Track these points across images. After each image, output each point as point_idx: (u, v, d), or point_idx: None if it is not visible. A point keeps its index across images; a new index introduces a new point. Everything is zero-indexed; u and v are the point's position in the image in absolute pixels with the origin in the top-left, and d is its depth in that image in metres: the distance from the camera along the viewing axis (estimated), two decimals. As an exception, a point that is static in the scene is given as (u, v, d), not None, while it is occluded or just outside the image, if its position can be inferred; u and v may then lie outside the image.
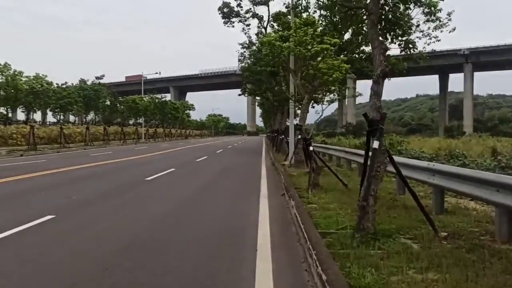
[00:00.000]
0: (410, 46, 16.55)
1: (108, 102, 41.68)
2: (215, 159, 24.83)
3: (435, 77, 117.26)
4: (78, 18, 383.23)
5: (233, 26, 26.49)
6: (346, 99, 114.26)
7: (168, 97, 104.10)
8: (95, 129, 50.04)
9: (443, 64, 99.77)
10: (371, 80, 6.38)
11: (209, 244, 5.99)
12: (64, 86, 34.31)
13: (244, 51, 29.60)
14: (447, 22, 18.22)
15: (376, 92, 6.09)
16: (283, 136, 26.76)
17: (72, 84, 38.51)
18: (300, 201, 8.88)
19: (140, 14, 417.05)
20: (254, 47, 27.99)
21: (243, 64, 31.80)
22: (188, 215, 8.08)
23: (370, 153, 6.20)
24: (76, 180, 13.43)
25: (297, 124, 16.20)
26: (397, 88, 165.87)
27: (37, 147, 31.22)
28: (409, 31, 11.96)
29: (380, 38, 6.12)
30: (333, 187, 10.99)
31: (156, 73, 51.31)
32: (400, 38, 12.17)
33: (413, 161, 9.05)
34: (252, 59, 29.65)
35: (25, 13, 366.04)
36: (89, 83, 38.89)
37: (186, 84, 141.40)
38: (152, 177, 14.12)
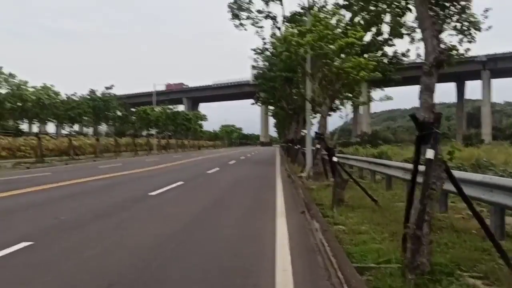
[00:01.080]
0: (468, 28, 14.73)
1: (119, 113, 40.66)
2: (227, 171, 23.53)
3: (451, 85, 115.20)
4: (90, 30, 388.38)
5: (245, 29, 25.14)
6: (361, 108, 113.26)
7: (181, 107, 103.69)
8: (106, 141, 49.35)
9: (459, 71, 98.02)
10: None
11: (214, 285, 4.64)
12: (73, 96, 33.44)
13: (257, 57, 28.48)
14: (483, 20, 16.72)
15: (428, 86, 4.74)
16: (299, 146, 25.35)
17: (82, 94, 37.67)
18: (325, 222, 7.50)
19: (153, 27, 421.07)
20: (268, 52, 26.80)
21: (255, 72, 30.52)
22: (191, 241, 6.74)
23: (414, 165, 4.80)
24: (73, 196, 12.22)
25: (316, 132, 14.84)
26: (412, 97, 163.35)
27: (44, 159, 30.26)
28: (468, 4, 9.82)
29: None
30: (360, 204, 9.58)
31: (163, 83, 50.57)
32: (456, 17, 10.26)
33: (462, 173, 7.59)
34: (266, 65, 28.39)
35: (38, 26, 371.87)
36: (98, 93, 37.94)
37: (199, 95, 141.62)
38: (157, 192, 12.85)
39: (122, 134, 67.06)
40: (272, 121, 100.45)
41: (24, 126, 65.86)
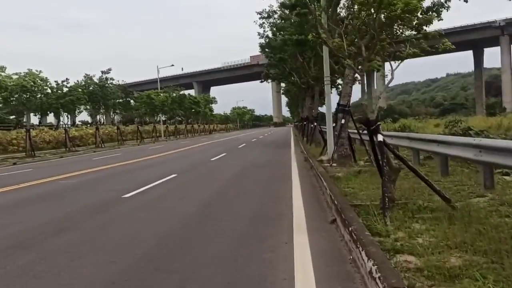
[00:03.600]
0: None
1: (118, 100, 37.65)
2: (235, 157, 20.42)
3: (466, 54, 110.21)
4: (101, 20, 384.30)
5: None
6: (375, 83, 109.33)
7: (192, 92, 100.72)
8: (110, 129, 46.63)
9: (476, 38, 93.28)
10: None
11: None
12: (64, 82, 30.47)
13: (263, 22, 24.86)
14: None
15: None
16: (315, 124, 22.04)
17: (77, 81, 34.67)
18: (376, 246, 4.30)
19: (161, 15, 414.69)
20: (276, 15, 23.27)
21: (262, 40, 27.08)
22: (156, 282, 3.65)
23: None
24: (34, 201, 9.32)
25: (339, 104, 11.57)
26: (425, 69, 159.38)
27: (36, 153, 27.53)
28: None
29: None
30: (420, 203, 6.36)
31: (173, 68, 47.47)
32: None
33: None
34: (274, 31, 24.83)
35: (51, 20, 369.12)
36: (95, 79, 34.91)
37: (209, 79, 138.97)
38: (135, 191, 9.85)
39: (129, 121, 64.54)
40: (285, 100, 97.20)
41: (32, 119, 63.86)
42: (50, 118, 57.45)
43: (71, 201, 9.12)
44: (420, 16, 8.21)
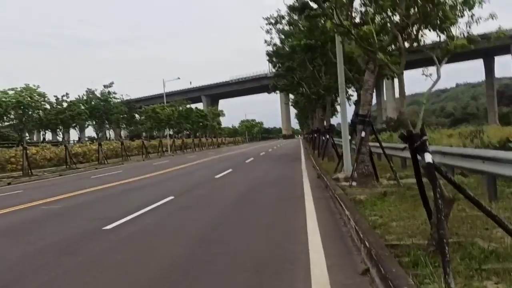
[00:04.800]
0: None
1: (122, 114, 36.32)
2: (241, 173, 18.85)
3: (475, 64, 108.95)
4: (107, 37, 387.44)
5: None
6: (385, 93, 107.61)
7: (200, 106, 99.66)
8: (115, 145, 45.36)
9: (487, 47, 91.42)
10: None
11: None
12: (64, 97, 29.27)
13: (271, 29, 23.36)
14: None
15: None
16: (327, 137, 20.42)
17: (78, 96, 33.45)
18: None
19: (167, 28, 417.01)
20: (285, 21, 21.75)
21: (269, 47, 25.51)
22: None
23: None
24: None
25: (357, 114, 9.98)
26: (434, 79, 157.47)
27: (32, 172, 26.20)
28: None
29: None
30: (482, 244, 4.74)
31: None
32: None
33: None
34: (282, 38, 23.26)
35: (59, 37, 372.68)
36: (97, 93, 33.68)
37: (217, 92, 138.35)
38: (121, 221, 8.32)
39: (135, 136, 63.27)
40: (294, 112, 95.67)
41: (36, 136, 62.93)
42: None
43: (38, 237, 7.57)
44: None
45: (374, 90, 17.12)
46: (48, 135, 47.66)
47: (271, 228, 7.17)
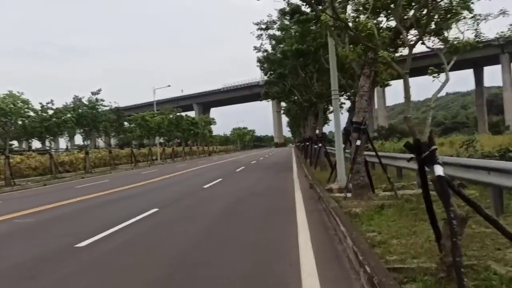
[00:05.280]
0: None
1: (109, 122, 35.35)
2: (230, 183, 18.19)
3: (465, 73, 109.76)
4: (98, 44, 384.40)
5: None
6: (376, 102, 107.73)
7: (192, 114, 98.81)
8: (104, 153, 44.44)
9: (476, 56, 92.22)
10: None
11: None
12: (49, 105, 28.38)
13: (261, 34, 22.68)
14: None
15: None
16: (319, 145, 19.85)
17: (65, 103, 32.54)
18: None
19: (160, 36, 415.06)
20: (276, 26, 21.15)
21: (260, 53, 24.86)
22: None
23: None
24: None
25: (352, 121, 9.40)
26: (424, 88, 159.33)
27: (15, 181, 25.28)
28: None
29: None
30: (497, 269, 4.16)
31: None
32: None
33: None
34: (273, 44, 22.66)
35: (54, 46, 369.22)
36: (85, 100, 32.79)
37: (209, 100, 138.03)
38: (98, 236, 7.64)
39: (125, 145, 62.33)
40: (286, 120, 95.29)
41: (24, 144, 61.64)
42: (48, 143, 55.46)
43: (14, 254, 6.86)
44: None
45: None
46: (38, 144, 46.57)
47: (260, 247, 6.52)
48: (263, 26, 21.15)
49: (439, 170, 3.62)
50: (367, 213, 7.85)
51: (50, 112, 29.08)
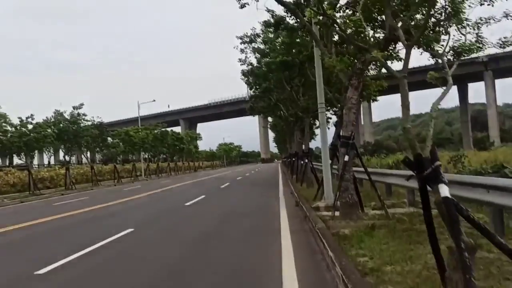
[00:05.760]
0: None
1: (91, 137, 34.48)
2: (214, 201, 17.50)
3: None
4: (84, 60, 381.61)
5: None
6: (362, 118, 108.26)
7: (178, 129, 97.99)
8: (86, 169, 43.31)
9: (461, 73, 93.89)
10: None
11: None
12: (29, 119, 27.49)
13: (245, 47, 22.25)
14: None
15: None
16: (306, 161, 19.33)
17: (46, 118, 31.62)
18: None
19: (143, 51, 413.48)
20: (259, 39, 20.74)
21: (244, 65, 24.36)
22: None
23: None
24: None
25: (340, 135, 8.85)
26: (410, 104, 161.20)
27: (-11, 198, 24.23)
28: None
29: None
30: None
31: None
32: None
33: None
34: (257, 57, 22.20)
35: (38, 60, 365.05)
36: (66, 115, 31.94)
37: (196, 115, 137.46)
38: (61, 262, 6.91)
39: (109, 160, 61.15)
40: (272, 136, 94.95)
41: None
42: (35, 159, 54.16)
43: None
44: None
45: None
46: (20, 159, 45.33)
47: (240, 275, 5.87)
48: (247, 39, 20.73)
49: (445, 191, 3.06)
50: (357, 235, 7.26)
51: (30, 126, 28.13)
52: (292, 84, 19.61)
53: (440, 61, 6.01)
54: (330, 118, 21.69)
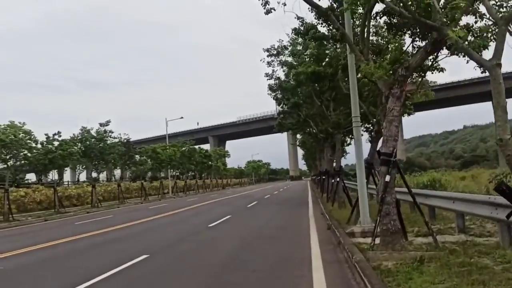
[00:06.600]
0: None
1: (118, 154, 34.17)
2: (239, 222, 16.51)
3: (482, 106, 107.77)
4: (116, 79, 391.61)
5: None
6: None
7: (207, 147, 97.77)
8: (113, 186, 43.18)
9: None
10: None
11: None
12: (56, 136, 27.40)
13: (273, 60, 21.29)
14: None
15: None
16: (337, 179, 18.12)
17: (73, 135, 31.53)
18: None
19: (176, 72, 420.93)
20: (287, 51, 19.82)
21: (271, 80, 23.40)
22: None
23: None
24: None
25: (379, 152, 7.72)
26: (441, 121, 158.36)
27: (13, 216, 23.95)
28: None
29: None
30: None
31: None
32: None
33: None
34: (285, 71, 21.27)
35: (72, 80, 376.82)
36: (93, 132, 31.80)
37: (224, 133, 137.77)
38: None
39: (138, 177, 61.11)
40: (301, 153, 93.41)
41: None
42: (66, 176, 54.72)
43: None
44: None
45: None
46: (45, 177, 45.62)
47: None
48: (274, 52, 19.88)
49: None
50: (403, 270, 6.10)
51: (56, 143, 28.00)
52: (322, 98, 18.54)
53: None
54: (362, 135, 20.44)
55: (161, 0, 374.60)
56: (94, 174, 36.18)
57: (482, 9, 6.19)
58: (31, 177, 50.94)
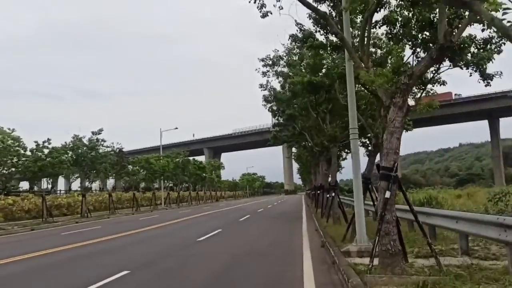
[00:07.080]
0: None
1: (109, 163, 33.50)
2: (229, 236, 15.87)
3: (478, 124, 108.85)
4: (113, 90, 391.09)
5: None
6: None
7: (202, 159, 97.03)
8: (105, 196, 42.35)
9: (491, 107, 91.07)
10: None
11: None
12: (46, 143, 26.72)
13: (268, 71, 20.89)
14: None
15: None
16: (333, 195, 17.52)
17: (65, 142, 30.87)
18: None
19: (173, 84, 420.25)
20: (282, 62, 19.38)
21: (266, 91, 22.90)
22: None
23: None
24: None
25: (379, 165, 7.18)
26: (437, 138, 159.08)
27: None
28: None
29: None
30: None
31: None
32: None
33: None
34: (280, 81, 20.84)
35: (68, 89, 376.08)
36: (85, 140, 31.15)
37: (220, 145, 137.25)
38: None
39: (130, 188, 60.32)
40: (296, 166, 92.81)
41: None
42: (61, 185, 53.90)
43: None
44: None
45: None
46: (35, 185, 44.77)
47: None
48: (269, 62, 19.44)
49: None
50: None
51: (46, 151, 27.32)
52: (318, 110, 18.03)
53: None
54: (349, 151, 20.05)
55: (161, 13, 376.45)
56: (86, 183, 35.25)
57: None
58: (24, 185, 50.15)
